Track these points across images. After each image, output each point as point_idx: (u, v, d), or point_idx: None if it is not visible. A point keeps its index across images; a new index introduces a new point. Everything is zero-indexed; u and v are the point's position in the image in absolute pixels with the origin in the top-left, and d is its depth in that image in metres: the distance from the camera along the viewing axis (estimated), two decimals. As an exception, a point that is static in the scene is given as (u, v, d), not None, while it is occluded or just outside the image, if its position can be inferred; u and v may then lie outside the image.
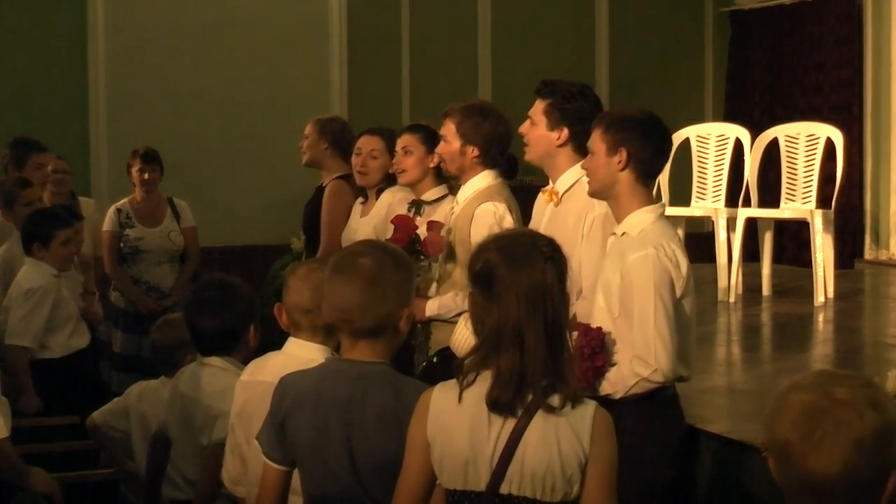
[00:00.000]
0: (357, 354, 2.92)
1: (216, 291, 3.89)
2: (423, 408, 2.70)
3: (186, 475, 3.94)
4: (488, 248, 2.71)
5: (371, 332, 2.90)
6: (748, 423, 4.25)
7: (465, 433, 2.63)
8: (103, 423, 4.72)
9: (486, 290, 2.66)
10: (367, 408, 2.87)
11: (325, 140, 6.13)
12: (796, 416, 2.09)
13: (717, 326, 6.86)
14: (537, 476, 2.58)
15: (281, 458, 3.00)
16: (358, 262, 2.90)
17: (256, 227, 8.92)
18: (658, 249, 3.56)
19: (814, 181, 7.42)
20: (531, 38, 10.17)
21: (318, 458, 2.92)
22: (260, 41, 9.35)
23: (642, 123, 3.71)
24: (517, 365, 2.60)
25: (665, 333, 3.52)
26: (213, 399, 3.77)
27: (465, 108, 4.65)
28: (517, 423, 2.60)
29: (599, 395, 3.53)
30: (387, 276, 2.89)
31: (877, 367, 4.90)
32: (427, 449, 2.68)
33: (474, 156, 4.58)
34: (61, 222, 5.62)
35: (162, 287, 6.90)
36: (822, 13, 10.04)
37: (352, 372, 2.91)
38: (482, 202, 4.50)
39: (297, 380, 3.00)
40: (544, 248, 2.69)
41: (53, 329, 5.47)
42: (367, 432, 2.87)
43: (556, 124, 4.18)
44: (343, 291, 2.88)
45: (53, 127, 8.44)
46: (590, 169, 3.75)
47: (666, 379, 3.57)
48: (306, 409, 2.93)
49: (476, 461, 2.62)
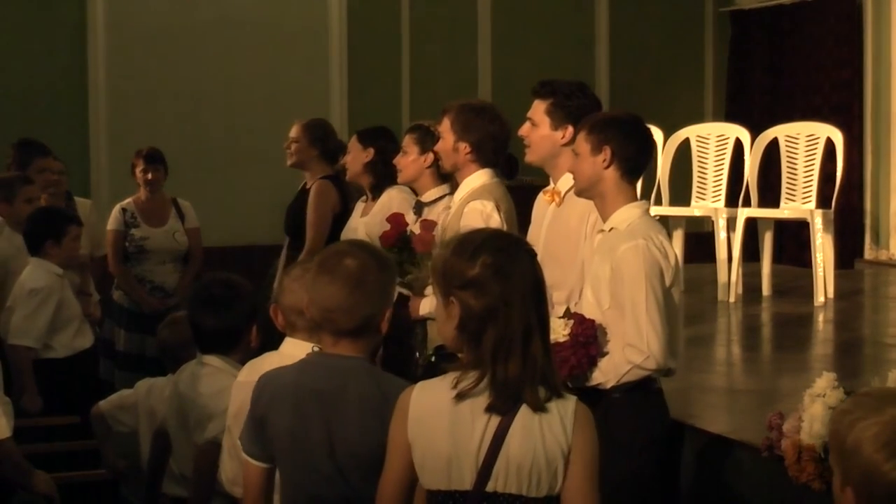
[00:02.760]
0: (339, 350, 2.96)
1: (220, 290, 3.90)
2: (403, 409, 2.69)
3: (184, 472, 3.95)
4: (481, 251, 2.66)
5: (353, 332, 2.94)
6: (748, 423, 4.25)
7: (447, 433, 2.62)
8: (110, 415, 4.70)
9: (484, 296, 2.63)
10: (348, 400, 2.90)
11: (316, 147, 6.31)
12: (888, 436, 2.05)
13: (717, 326, 6.86)
14: (523, 470, 2.59)
15: (261, 455, 3.02)
16: (343, 263, 2.93)
17: (256, 227, 8.92)
18: (647, 240, 3.62)
19: (814, 181, 7.43)
20: (531, 38, 10.16)
21: (299, 451, 2.93)
22: (260, 41, 9.36)
23: (624, 122, 3.81)
24: (520, 368, 2.59)
25: (657, 321, 3.58)
26: (209, 399, 3.78)
27: (460, 105, 4.69)
28: (502, 419, 2.60)
29: (589, 387, 3.57)
30: (370, 278, 2.92)
31: (877, 367, 4.89)
32: (408, 450, 2.68)
33: (466, 152, 4.59)
34: (71, 218, 5.71)
35: (165, 287, 6.92)
36: (822, 13, 10.04)
37: (332, 365, 2.94)
38: (472, 200, 4.52)
39: (275, 375, 3.03)
40: (528, 247, 2.73)
41: (57, 329, 5.47)
42: (348, 424, 2.89)
43: (560, 123, 4.20)
44: (328, 292, 2.92)
45: (53, 127, 8.44)
46: (576, 170, 3.83)
47: (658, 366, 3.61)
48: (286, 403, 2.95)
49: (460, 460, 2.61)
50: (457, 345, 2.70)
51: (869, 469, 2.05)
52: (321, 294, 2.93)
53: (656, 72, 10.51)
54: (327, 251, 3.08)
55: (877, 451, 2.05)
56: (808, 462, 3.52)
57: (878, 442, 2.05)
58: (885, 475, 2.03)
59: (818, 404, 3.56)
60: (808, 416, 3.57)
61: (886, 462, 2.03)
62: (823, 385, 3.61)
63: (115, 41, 9.04)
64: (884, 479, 2.04)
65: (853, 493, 2.08)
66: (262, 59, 9.34)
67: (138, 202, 7.01)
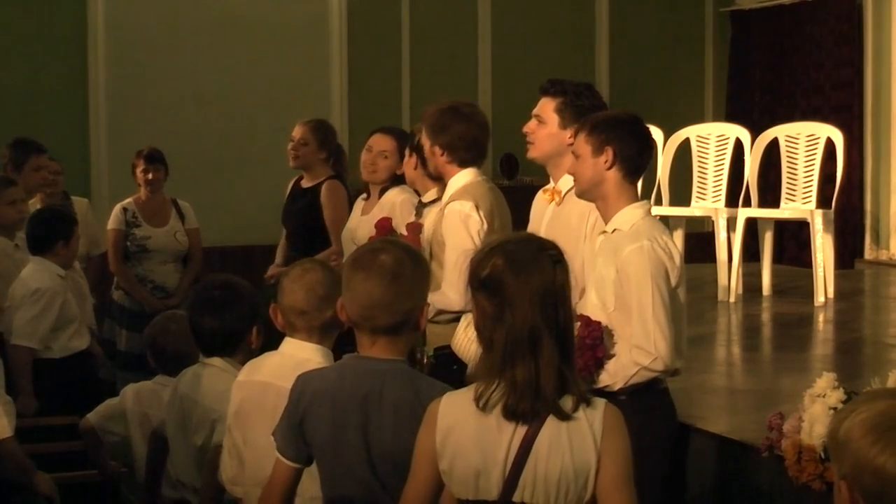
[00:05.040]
0: (376, 352, 2.92)
1: (220, 292, 3.90)
2: (432, 418, 2.67)
3: (180, 475, 3.94)
4: (494, 252, 2.67)
5: (392, 329, 2.90)
6: (748, 423, 4.25)
7: (475, 443, 2.60)
8: (99, 427, 4.69)
9: (494, 297, 2.62)
10: (385, 404, 2.87)
11: (324, 149, 6.36)
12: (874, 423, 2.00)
13: (717, 326, 6.86)
14: (551, 481, 2.56)
15: (295, 455, 3.00)
16: (378, 259, 2.90)
17: (256, 227, 8.92)
18: (652, 241, 3.61)
19: (814, 181, 7.42)
20: (531, 38, 10.17)
21: (336, 454, 2.92)
22: (260, 41, 9.36)
23: (625, 123, 3.78)
24: (532, 372, 2.57)
25: (663, 322, 3.57)
26: (212, 400, 3.77)
27: (432, 110, 4.71)
28: (528, 429, 2.58)
29: (596, 388, 3.56)
30: (407, 273, 2.90)
31: (877, 367, 4.89)
32: (435, 459, 2.66)
33: (441, 155, 4.61)
34: (74, 219, 5.79)
35: (166, 287, 6.92)
36: (822, 13, 10.04)
37: (370, 369, 2.91)
38: (453, 201, 4.54)
39: (315, 377, 3.01)
40: (552, 252, 2.68)
41: (56, 330, 5.47)
42: (384, 428, 2.87)
43: (569, 122, 4.18)
44: (364, 288, 2.88)
45: (53, 127, 8.44)
46: (576, 172, 3.80)
47: (666, 367, 3.60)
48: (324, 407, 2.93)
49: (487, 470, 2.60)
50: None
51: (858, 456, 1.99)
52: (358, 292, 2.89)
53: (656, 72, 10.51)
54: (360, 249, 3.07)
55: (864, 437, 1.98)
56: (808, 462, 3.52)
57: (866, 427, 1.99)
58: (871, 461, 1.97)
59: (818, 405, 3.56)
60: (808, 417, 3.57)
61: (873, 446, 1.97)
62: (823, 385, 3.61)
63: (115, 41, 9.04)
64: (871, 465, 1.97)
65: (846, 485, 2.02)
66: (262, 59, 9.34)
67: (139, 202, 7.01)
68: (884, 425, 1.99)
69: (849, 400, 3.47)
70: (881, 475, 1.96)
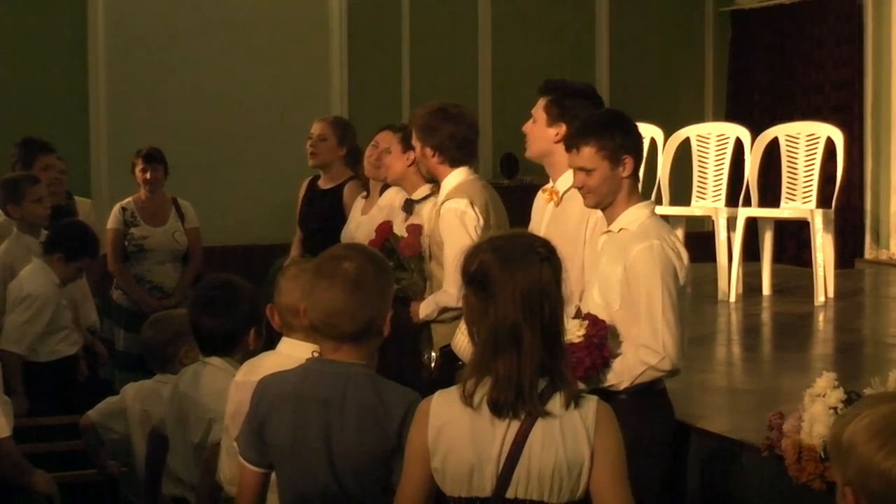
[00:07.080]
0: (340, 356, 2.92)
1: (219, 292, 3.89)
2: (423, 416, 2.68)
3: (180, 472, 3.94)
4: (483, 248, 2.69)
5: (355, 337, 2.90)
6: (748, 423, 4.25)
7: (468, 440, 2.61)
8: (100, 424, 4.69)
9: (481, 292, 2.64)
10: (348, 408, 2.87)
11: (344, 147, 6.23)
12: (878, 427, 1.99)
13: (717, 326, 6.86)
14: (545, 477, 2.58)
15: (258, 460, 3.00)
16: (341, 267, 2.89)
17: (256, 227, 8.92)
18: (661, 241, 3.63)
19: (814, 181, 7.42)
20: (531, 38, 10.17)
21: (297, 458, 2.91)
22: (260, 41, 9.36)
23: (629, 126, 3.79)
24: (515, 366, 2.58)
25: (672, 322, 3.59)
26: (210, 399, 3.77)
27: (421, 113, 4.75)
28: (521, 425, 2.59)
29: (601, 388, 3.56)
30: (369, 281, 2.89)
31: (877, 367, 4.89)
32: (427, 458, 2.66)
33: (432, 156, 4.66)
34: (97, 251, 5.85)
35: (165, 286, 6.90)
36: (822, 13, 10.04)
37: (333, 372, 2.91)
38: (448, 200, 4.56)
39: (276, 381, 3.00)
40: (540, 249, 2.68)
41: (44, 335, 5.47)
42: (347, 431, 2.86)
43: (555, 120, 4.22)
44: (327, 296, 2.88)
45: (53, 127, 8.42)
46: (596, 188, 3.72)
47: (673, 367, 3.62)
48: (286, 410, 2.92)
49: (481, 467, 2.60)
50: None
51: (863, 461, 1.98)
52: (321, 299, 2.89)
53: (656, 72, 10.52)
54: (323, 256, 3.04)
55: (869, 441, 1.98)
56: (808, 462, 3.51)
57: (870, 432, 1.99)
58: (877, 465, 1.97)
59: (818, 404, 3.56)
60: (808, 416, 3.57)
61: (878, 451, 1.97)
62: (823, 385, 3.61)
63: (115, 41, 9.04)
64: (877, 469, 1.97)
65: (851, 491, 2.01)
66: (262, 59, 9.34)
67: (138, 202, 7.00)
68: (889, 429, 1.99)
69: (849, 400, 3.48)
70: (887, 479, 1.96)
